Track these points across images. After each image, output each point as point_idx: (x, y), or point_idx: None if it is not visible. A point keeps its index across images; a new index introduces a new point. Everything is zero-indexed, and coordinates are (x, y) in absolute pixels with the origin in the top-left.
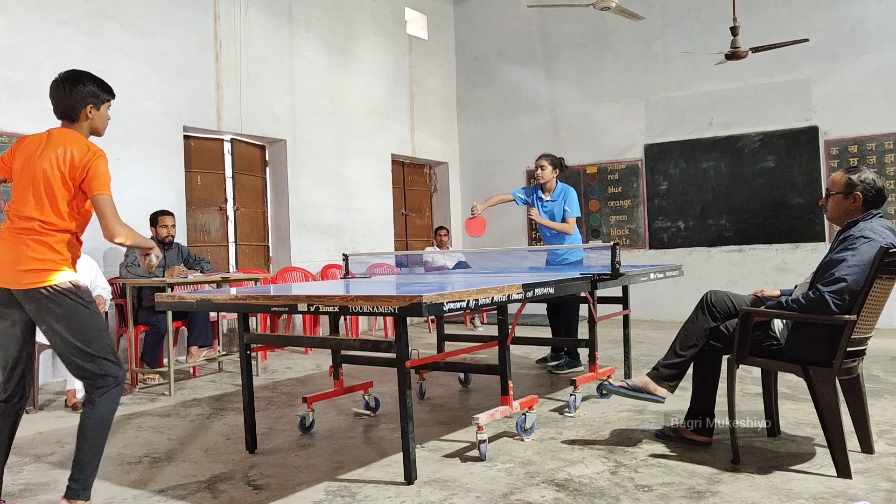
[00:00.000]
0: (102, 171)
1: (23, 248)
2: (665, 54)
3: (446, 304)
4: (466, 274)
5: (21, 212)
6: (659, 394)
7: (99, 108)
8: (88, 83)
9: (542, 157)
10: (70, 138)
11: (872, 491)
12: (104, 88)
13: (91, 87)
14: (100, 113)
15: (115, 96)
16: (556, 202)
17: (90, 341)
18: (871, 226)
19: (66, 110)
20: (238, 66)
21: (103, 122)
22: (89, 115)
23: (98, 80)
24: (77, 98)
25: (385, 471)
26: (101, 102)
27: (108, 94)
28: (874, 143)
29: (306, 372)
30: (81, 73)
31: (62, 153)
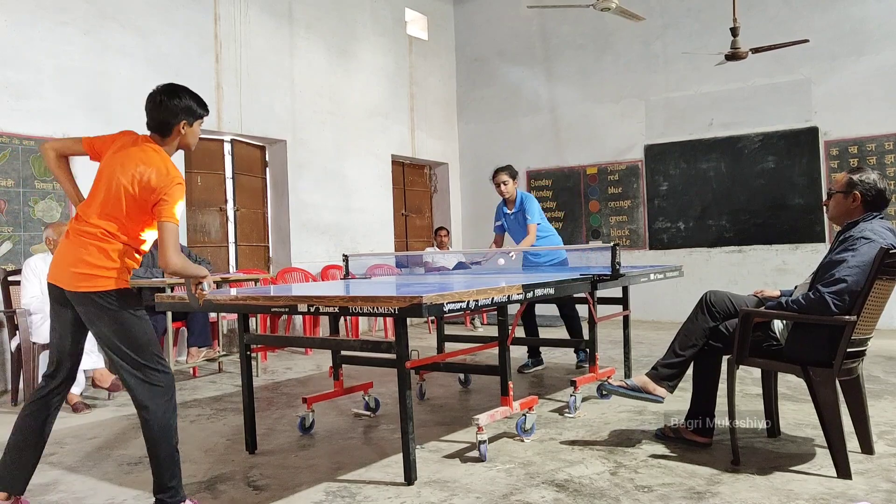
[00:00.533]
0: (177, 200)
1: (82, 251)
2: (665, 55)
3: (446, 305)
4: (466, 275)
5: (89, 217)
6: (658, 394)
7: (192, 124)
8: (186, 97)
9: (500, 172)
10: (153, 159)
11: (872, 492)
12: (200, 104)
13: (187, 102)
14: (192, 129)
15: (209, 112)
16: (518, 212)
17: (138, 349)
18: (872, 226)
19: (159, 125)
20: (238, 66)
21: (195, 138)
22: (182, 131)
23: (195, 95)
24: (173, 112)
25: (385, 471)
26: (196, 118)
27: (203, 110)
28: (874, 144)
29: (306, 372)
30: (179, 87)
31: (141, 173)
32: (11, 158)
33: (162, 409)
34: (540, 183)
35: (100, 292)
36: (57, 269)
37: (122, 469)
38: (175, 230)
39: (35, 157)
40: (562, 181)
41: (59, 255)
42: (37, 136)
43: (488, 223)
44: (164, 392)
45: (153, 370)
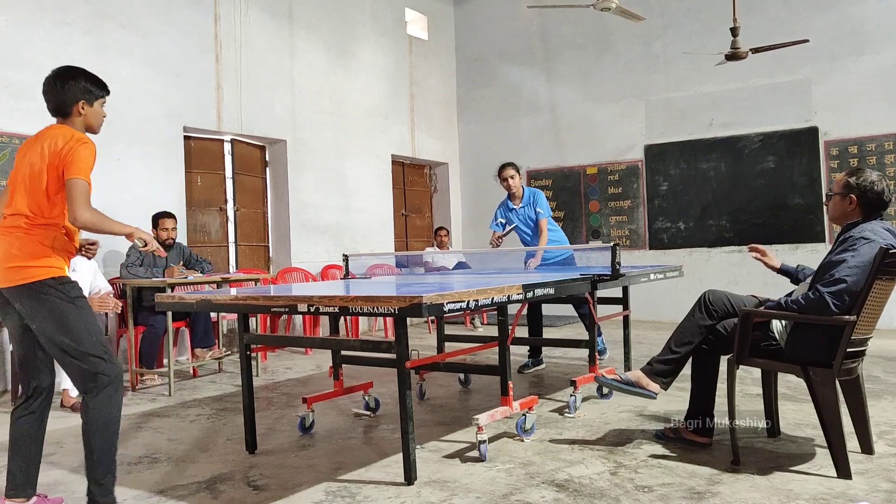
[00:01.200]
0: (83, 157)
1: (9, 246)
2: (665, 55)
3: (446, 305)
4: (466, 274)
5: (9, 209)
6: (651, 389)
7: (92, 104)
8: (80, 79)
9: (508, 166)
10: (59, 131)
11: (872, 492)
12: (97, 84)
13: (83, 83)
14: (93, 109)
15: (108, 92)
16: (526, 207)
17: (79, 339)
18: (872, 227)
19: (58, 106)
20: (238, 66)
21: (98, 118)
22: (81, 111)
23: (90, 76)
24: (69, 94)
25: (385, 471)
26: (95, 98)
27: (101, 90)
28: (874, 144)
29: (306, 372)
30: (73, 69)
31: (49, 144)
32: (11, 158)
33: (105, 405)
34: (540, 183)
35: (32, 283)
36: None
37: (121, 469)
38: (83, 186)
39: None
40: (562, 181)
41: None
42: None
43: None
44: (107, 382)
45: (98, 358)
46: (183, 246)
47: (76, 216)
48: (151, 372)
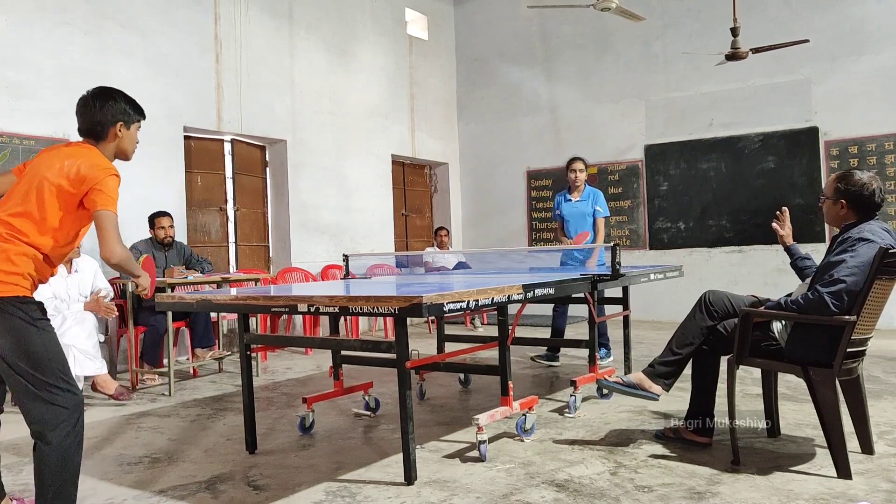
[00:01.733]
0: (112, 188)
1: None
2: (665, 55)
3: (446, 305)
4: (467, 274)
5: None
6: (653, 391)
7: (129, 127)
8: (120, 100)
9: (578, 160)
10: (85, 153)
11: (873, 492)
12: (135, 108)
13: (122, 105)
14: (129, 133)
15: (145, 117)
16: (585, 202)
17: (37, 364)
18: (870, 227)
19: (93, 127)
20: (238, 66)
21: (132, 143)
22: (118, 134)
23: (130, 98)
24: (107, 115)
25: (385, 471)
26: (132, 122)
27: (138, 114)
28: (874, 144)
29: (306, 372)
30: (112, 90)
31: (69, 164)
32: (12, 158)
33: (63, 434)
34: (540, 183)
35: None
36: None
37: (121, 469)
38: (115, 219)
39: None
40: (562, 181)
41: None
42: (37, 135)
43: (489, 223)
44: (68, 415)
45: (57, 388)
46: (183, 245)
47: (111, 252)
48: (152, 372)
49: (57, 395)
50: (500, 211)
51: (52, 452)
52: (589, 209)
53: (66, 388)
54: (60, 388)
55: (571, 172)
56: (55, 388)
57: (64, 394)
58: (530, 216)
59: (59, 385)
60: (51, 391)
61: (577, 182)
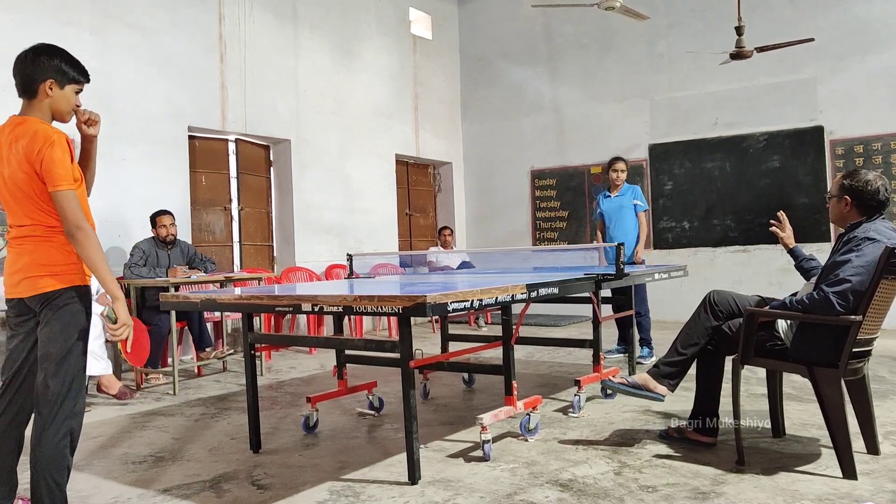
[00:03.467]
0: (57, 161)
1: (23, 258)
2: (669, 54)
3: (450, 304)
4: (471, 274)
5: (14, 221)
6: (659, 391)
7: (63, 86)
8: (56, 57)
9: (619, 160)
10: (23, 129)
11: (878, 492)
12: (74, 66)
13: (57, 61)
14: (62, 93)
15: (87, 80)
16: (623, 196)
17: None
18: (875, 227)
19: (24, 82)
20: (242, 66)
21: (67, 104)
22: (49, 92)
23: (69, 57)
24: (38, 69)
25: (389, 471)
26: (67, 81)
27: (79, 75)
28: (880, 143)
29: (310, 372)
30: (51, 47)
31: (19, 149)
32: None
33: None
34: (543, 182)
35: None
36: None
37: (126, 468)
38: (66, 196)
39: None
40: (565, 181)
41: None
42: None
43: (492, 222)
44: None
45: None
46: (187, 245)
47: (71, 233)
48: (156, 371)
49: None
50: (504, 210)
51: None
52: (627, 202)
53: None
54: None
55: (613, 172)
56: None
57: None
58: (534, 216)
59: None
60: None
61: (617, 181)
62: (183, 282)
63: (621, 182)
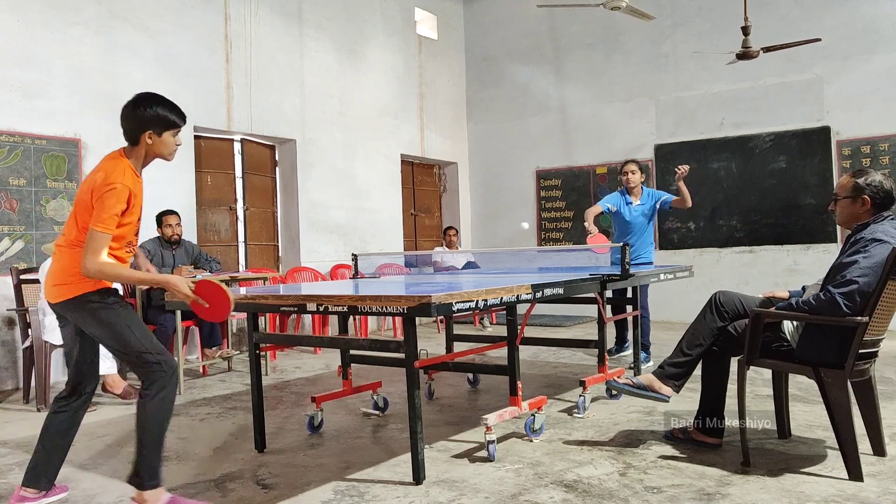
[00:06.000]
0: (108, 206)
1: (57, 264)
2: (675, 54)
3: (455, 304)
4: (476, 274)
5: (66, 228)
6: (664, 392)
7: (160, 134)
8: (155, 107)
9: (630, 162)
10: (107, 165)
11: (884, 494)
12: (174, 112)
13: (156, 112)
14: (162, 140)
15: (185, 122)
16: (645, 205)
17: (125, 341)
18: (883, 228)
19: (126, 133)
20: (248, 66)
21: (167, 147)
22: (148, 141)
23: (168, 105)
24: (137, 122)
25: (394, 471)
26: (166, 129)
27: (177, 119)
28: (887, 143)
29: (315, 371)
30: (151, 97)
31: (91, 178)
32: (24, 158)
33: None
34: (549, 183)
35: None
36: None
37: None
38: (98, 237)
39: (46, 156)
40: (571, 181)
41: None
42: (48, 135)
43: (497, 222)
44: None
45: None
46: (192, 244)
47: (84, 266)
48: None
49: (149, 359)
50: (509, 211)
51: (149, 407)
52: (650, 211)
53: (155, 352)
54: (151, 352)
55: (623, 175)
56: (147, 353)
57: (155, 358)
58: (539, 216)
59: (150, 351)
60: (145, 358)
61: (630, 184)
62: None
63: (636, 185)
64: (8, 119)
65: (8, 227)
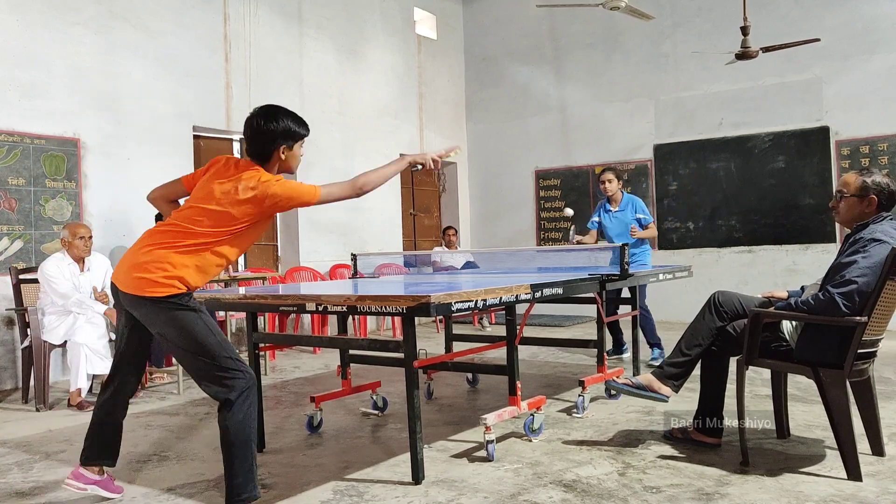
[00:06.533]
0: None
1: (148, 254)
2: (675, 54)
3: (454, 304)
4: (475, 274)
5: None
6: (663, 392)
7: (292, 147)
8: (283, 119)
9: (606, 171)
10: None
11: (883, 494)
12: (299, 124)
13: (285, 124)
14: (293, 153)
15: (309, 131)
16: (624, 211)
17: (209, 351)
18: (882, 228)
19: (257, 151)
20: (247, 66)
21: (296, 160)
22: (282, 156)
23: (293, 116)
24: (270, 138)
25: (393, 471)
26: (296, 141)
27: (302, 130)
28: (886, 144)
29: (314, 371)
30: (277, 110)
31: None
32: (23, 157)
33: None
34: (548, 183)
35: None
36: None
37: (131, 466)
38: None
39: (46, 156)
40: (570, 181)
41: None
42: (48, 135)
43: (497, 222)
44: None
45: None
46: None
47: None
48: (161, 371)
49: (232, 374)
50: (509, 211)
51: (235, 414)
52: (630, 218)
53: (239, 367)
54: (236, 368)
55: (601, 184)
56: (230, 369)
57: (234, 372)
58: (538, 216)
59: (233, 366)
60: (228, 372)
61: (608, 192)
62: None
63: (614, 192)
64: (7, 119)
65: (7, 227)
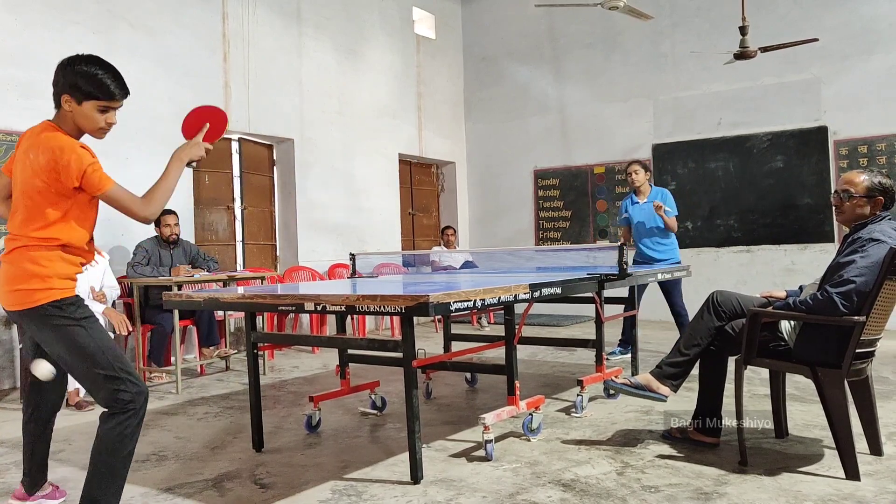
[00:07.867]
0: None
1: (12, 267)
2: (674, 54)
3: (453, 304)
4: (473, 274)
5: (10, 228)
6: (661, 392)
7: (80, 102)
8: (81, 69)
9: (633, 163)
10: (40, 140)
11: (881, 493)
12: (97, 85)
13: (73, 79)
14: (81, 109)
15: (112, 97)
16: (650, 203)
17: (93, 361)
18: (881, 228)
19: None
20: (246, 65)
21: (87, 120)
22: (67, 108)
23: (95, 75)
24: (56, 81)
25: (391, 470)
26: (84, 98)
27: (100, 93)
28: (884, 144)
29: (313, 371)
30: (83, 58)
31: (33, 158)
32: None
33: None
34: (547, 182)
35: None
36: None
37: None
38: (118, 192)
39: None
40: (569, 180)
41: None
42: None
43: (495, 222)
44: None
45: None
46: (190, 244)
47: (143, 218)
48: (159, 370)
49: (117, 385)
50: (508, 210)
51: (108, 436)
52: None
53: (125, 378)
54: (120, 378)
55: (628, 175)
56: (115, 379)
57: (125, 384)
58: (537, 216)
59: (119, 376)
60: (111, 383)
61: (635, 184)
62: (186, 281)
63: (641, 183)
64: (7, 118)
65: (5, 227)
